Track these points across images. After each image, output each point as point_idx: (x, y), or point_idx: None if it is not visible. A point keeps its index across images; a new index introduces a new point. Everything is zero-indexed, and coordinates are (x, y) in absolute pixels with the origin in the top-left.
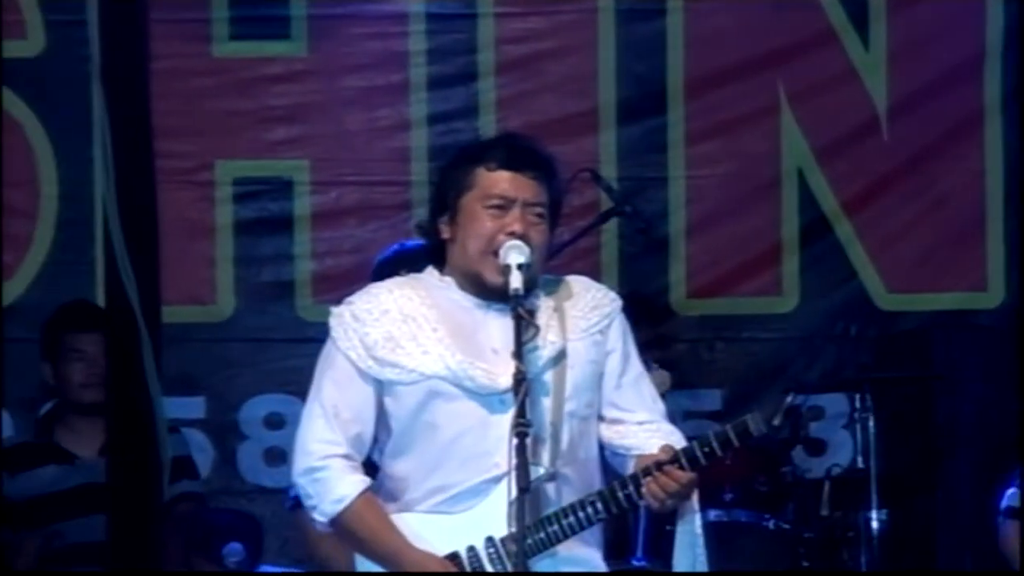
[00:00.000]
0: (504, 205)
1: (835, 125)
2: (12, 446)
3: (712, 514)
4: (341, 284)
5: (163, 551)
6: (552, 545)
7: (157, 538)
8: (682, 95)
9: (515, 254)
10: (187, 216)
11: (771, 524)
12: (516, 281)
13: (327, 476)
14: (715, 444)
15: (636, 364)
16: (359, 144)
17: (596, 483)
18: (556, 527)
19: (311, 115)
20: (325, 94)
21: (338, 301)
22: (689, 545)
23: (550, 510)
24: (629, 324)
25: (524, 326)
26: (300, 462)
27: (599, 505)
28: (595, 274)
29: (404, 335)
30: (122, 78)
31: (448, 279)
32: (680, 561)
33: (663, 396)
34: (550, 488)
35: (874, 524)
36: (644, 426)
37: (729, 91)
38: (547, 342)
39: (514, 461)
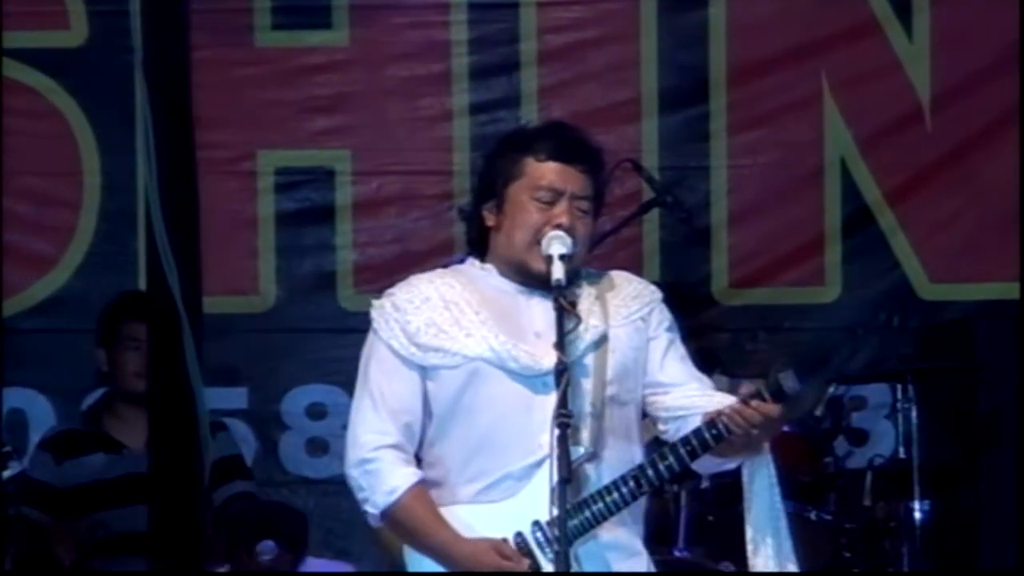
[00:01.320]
0: (552, 198)
1: (878, 115)
2: (59, 433)
3: None
4: (383, 274)
5: (208, 543)
6: (596, 524)
7: (198, 528)
8: (724, 84)
9: (557, 244)
10: (229, 206)
11: (813, 515)
12: (558, 271)
13: (379, 468)
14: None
15: (681, 348)
16: (401, 134)
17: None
18: (600, 505)
19: (353, 105)
20: (367, 84)
21: (380, 291)
22: (767, 488)
23: (590, 491)
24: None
25: (566, 316)
26: (352, 454)
27: (641, 479)
28: (636, 263)
29: (446, 321)
30: (164, 68)
31: (489, 266)
32: (756, 510)
33: None
34: (590, 469)
35: (916, 515)
36: (703, 392)
37: (772, 80)
38: (589, 326)
39: (556, 451)
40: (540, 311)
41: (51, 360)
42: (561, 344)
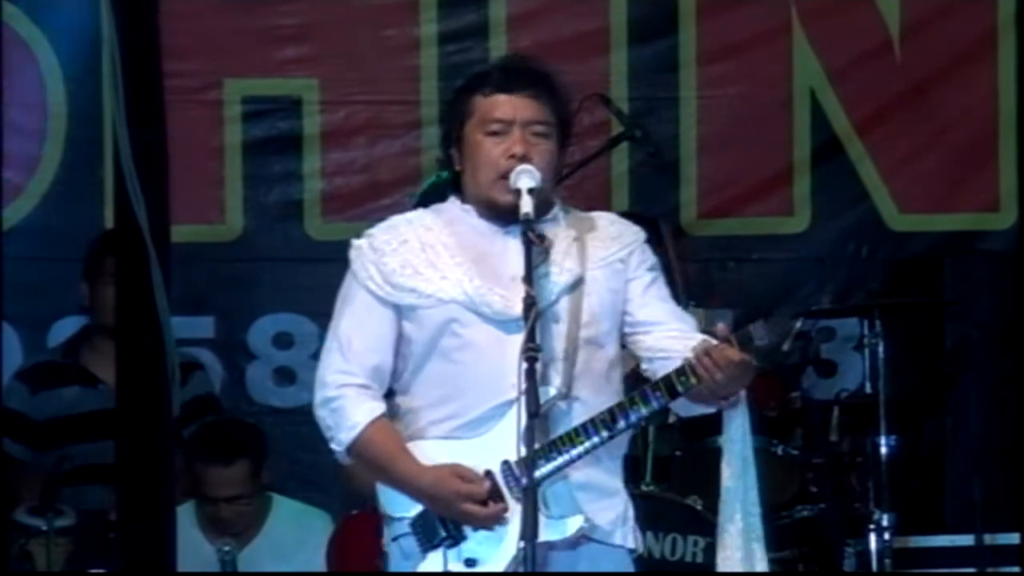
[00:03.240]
0: (502, 129)
1: (848, 46)
2: (35, 364)
3: (720, 439)
4: (350, 203)
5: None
6: (566, 466)
7: (168, 459)
8: (694, 14)
9: (525, 178)
10: (195, 135)
11: (779, 450)
12: (527, 205)
13: (342, 405)
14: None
15: (662, 288)
16: (369, 63)
17: None
18: (570, 447)
19: (320, 34)
20: (334, 12)
21: (347, 220)
22: (740, 439)
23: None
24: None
25: (535, 251)
26: (317, 395)
27: (612, 422)
28: (604, 194)
29: (422, 262)
30: None
31: (469, 206)
32: (728, 457)
33: None
34: (562, 410)
35: (883, 450)
36: (682, 334)
37: (741, 11)
38: (564, 269)
39: (523, 385)
40: (516, 254)
41: (16, 289)
42: (529, 278)
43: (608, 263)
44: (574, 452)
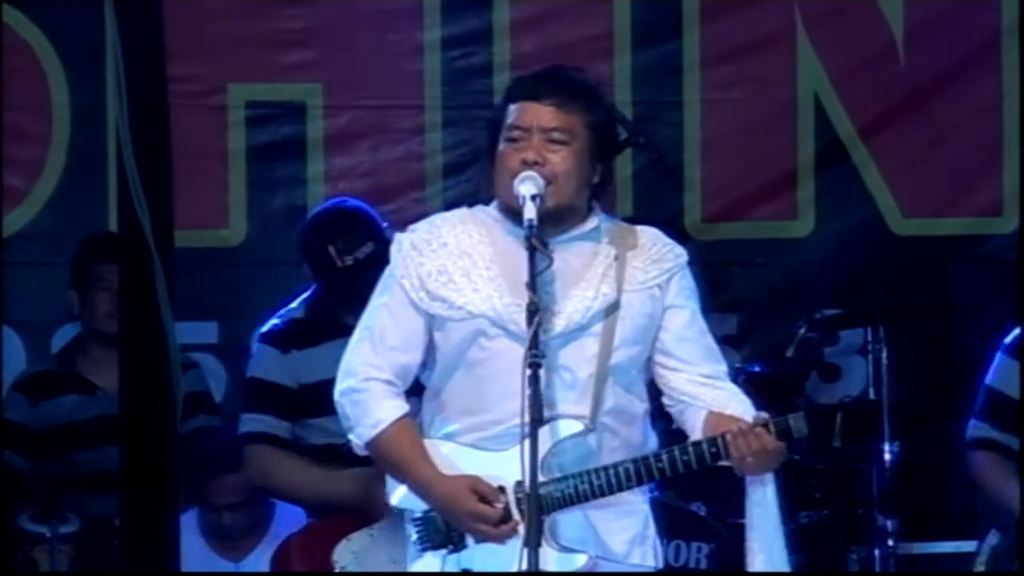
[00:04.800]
0: (521, 136)
1: (851, 50)
2: (32, 374)
3: None
4: None
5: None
6: (581, 501)
7: (172, 465)
8: (698, 18)
9: (528, 185)
10: (199, 140)
11: None
12: (530, 212)
13: (366, 399)
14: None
15: (701, 321)
16: (372, 67)
17: (639, 437)
18: (587, 486)
19: (324, 38)
20: (338, 17)
21: None
22: (771, 522)
23: (592, 462)
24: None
25: (539, 256)
26: (342, 382)
27: (636, 475)
28: (608, 200)
29: (458, 271)
30: (134, 0)
31: (501, 215)
32: (759, 527)
33: None
34: (591, 440)
35: (886, 456)
36: (712, 381)
37: (745, 15)
38: (600, 293)
39: (527, 390)
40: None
41: (20, 295)
42: (533, 285)
43: (646, 287)
44: (589, 491)
